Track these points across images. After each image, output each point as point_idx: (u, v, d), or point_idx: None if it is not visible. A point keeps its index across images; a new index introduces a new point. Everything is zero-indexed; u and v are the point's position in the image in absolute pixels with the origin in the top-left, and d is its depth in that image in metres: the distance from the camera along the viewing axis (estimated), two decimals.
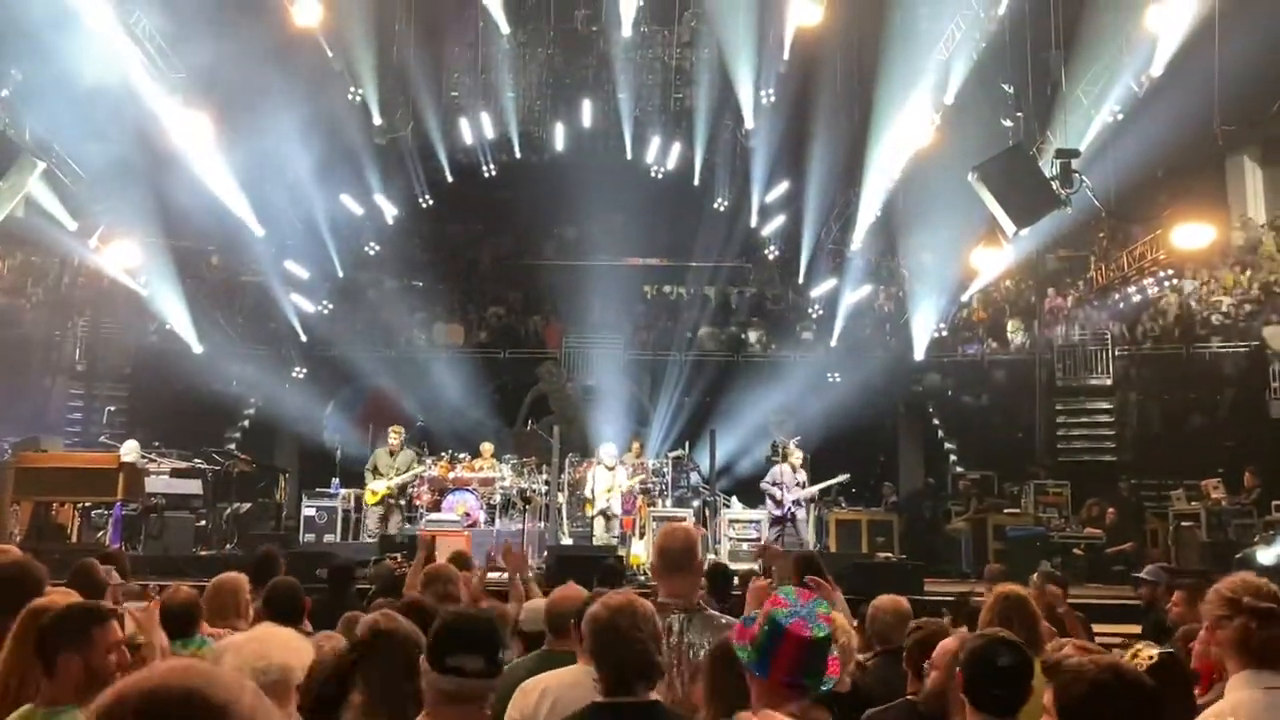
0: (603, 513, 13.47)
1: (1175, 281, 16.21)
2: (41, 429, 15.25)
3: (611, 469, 13.60)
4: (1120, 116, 13.45)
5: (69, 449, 14.27)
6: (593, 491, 13.56)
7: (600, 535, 13.31)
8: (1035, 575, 6.53)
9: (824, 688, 2.70)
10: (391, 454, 13.62)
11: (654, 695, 2.84)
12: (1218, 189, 15.90)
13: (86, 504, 12.41)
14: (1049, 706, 2.44)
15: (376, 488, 13.47)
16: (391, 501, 13.53)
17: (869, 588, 7.52)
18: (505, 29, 15.63)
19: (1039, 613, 4.39)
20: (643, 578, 11.25)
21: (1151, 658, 3.54)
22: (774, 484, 13.62)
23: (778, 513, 13.44)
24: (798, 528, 13.44)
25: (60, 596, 3.74)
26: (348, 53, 15.92)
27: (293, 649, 2.97)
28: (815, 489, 13.66)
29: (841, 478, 14.31)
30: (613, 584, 7.22)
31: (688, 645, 3.49)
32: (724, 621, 3.67)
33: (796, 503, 13.49)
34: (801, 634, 2.60)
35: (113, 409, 16.71)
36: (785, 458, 13.86)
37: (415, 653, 2.74)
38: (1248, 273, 17.75)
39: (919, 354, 18.42)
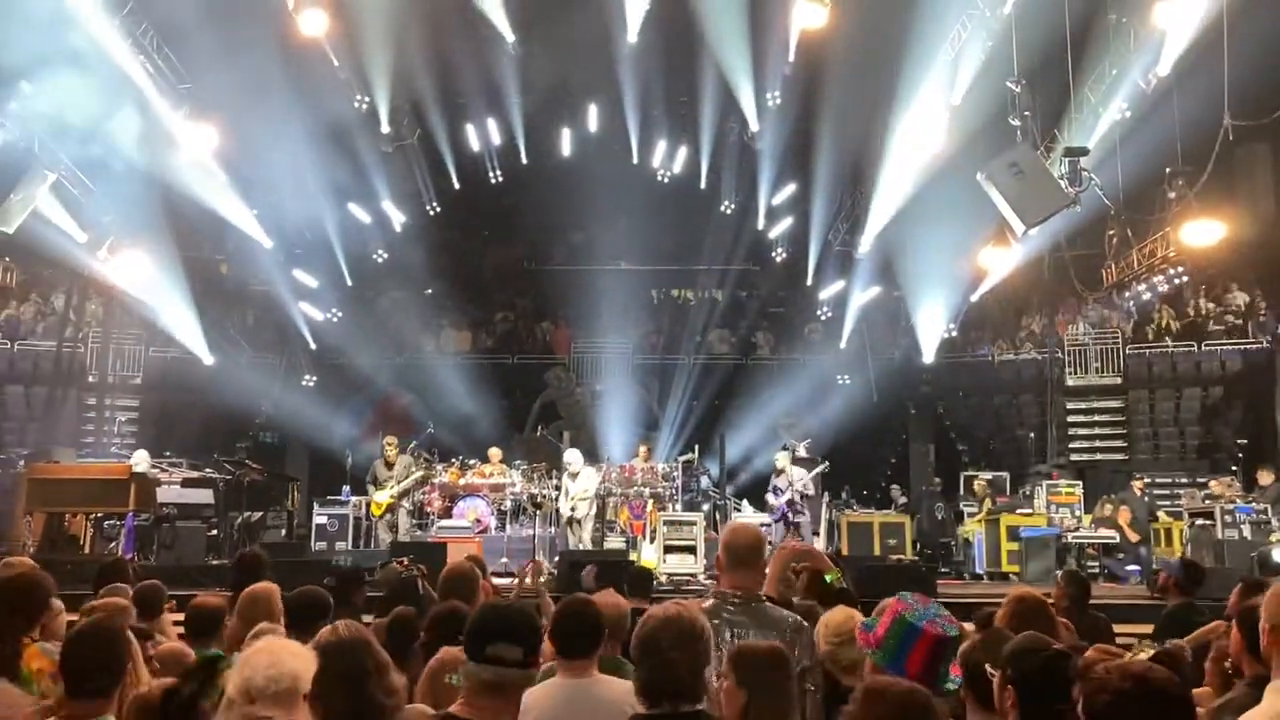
0: (570, 520, 13.32)
1: (1186, 279, 16.13)
2: (53, 440, 15.30)
3: (574, 477, 13.39)
4: (1128, 114, 13.37)
5: (81, 460, 14.30)
6: (567, 495, 13.38)
7: (574, 544, 13.08)
8: (1059, 575, 6.51)
9: (951, 687, 2.79)
10: (388, 464, 13.64)
11: (699, 706, 2.79)
12: (1228, 185, 15.80)
13: (99, 515, 12.45)
14: (1079, 713, 2.43)
15: (380, 499, 13.48)
16: (398, 508, 13.54)
17: (882, 590, 7.47)
18: (510, 36, 15.61)
19: (1055, 616, 4.36)
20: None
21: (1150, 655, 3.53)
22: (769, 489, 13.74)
23: (773, 517, 13.54)
24: (800, 531, 13.39)
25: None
26: (354, 61, 15.93)
27: (302, 658, 2.98)
28: (800, 482, 13.54)
29: (821, 467, 14.30)
30: (644, 591, 7.21)
31: (737, 635, 3.51)
32: (778, 615, 3.67)
33: (791, 504, 13.46)
34: (936, 633, 2.72)
35: (124, 419, 16.75)
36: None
37: (367, 662, 2.74)
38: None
39: (928, 355, 18.37)
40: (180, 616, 5.03)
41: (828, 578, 4.63)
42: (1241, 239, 15.22)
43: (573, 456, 13.64)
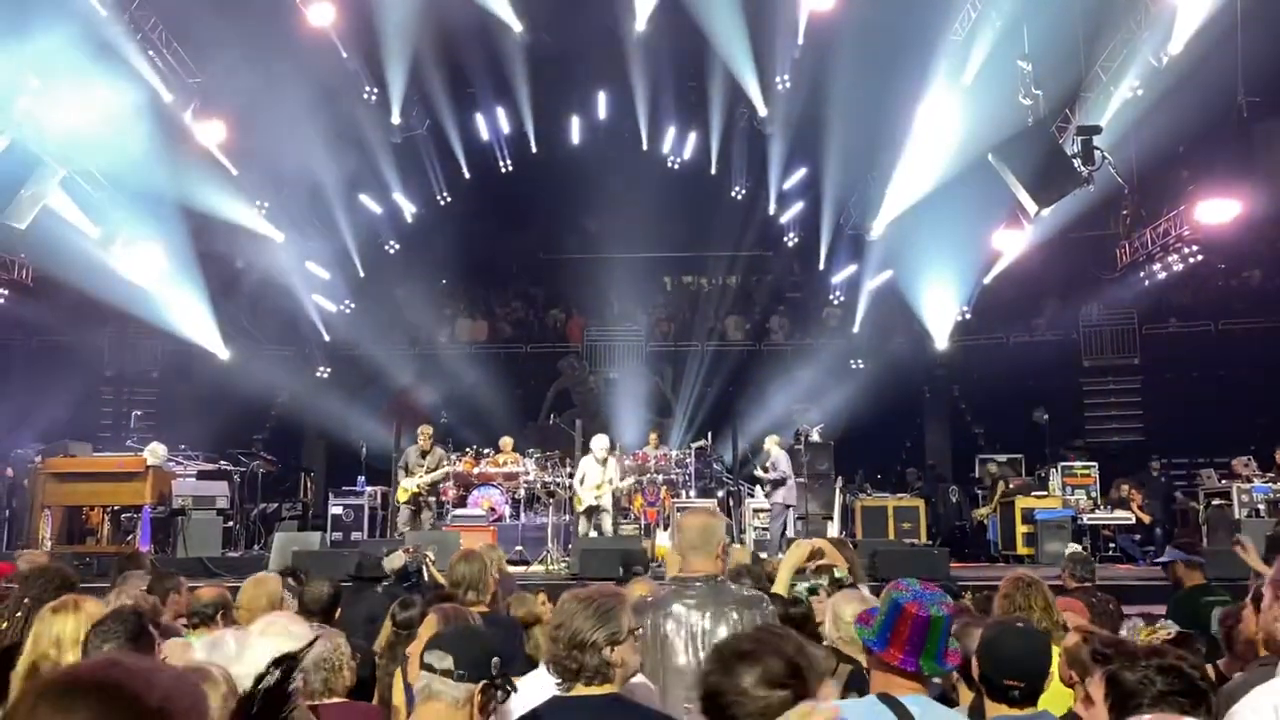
0: (591, 509, 12.99)
1: (1201, 258, 15.98)
2: (70, 434, 15.40)
3: (602, 463, 13.05)
4: (1141, 92, 13.24)
5: (98, 454, 14.42)
6: (583, 482, 13.06)
7: (584, 531, 12.84)
8: (1064, 558, 6.50)
9: (942, 670, 2.78)
10: (423, 453, 13.63)
11: (611, 689, 2.85)
12: (1243, 162, 15.65)
13: (116, 508, 12.56)
14: (1093, 693, 2.41)
15: (409, 485, 13.48)
16: (423, 499, 13.55)
17: (895, 573, 7.46)
18: (517, 25, 15.56)
19: (1050, 596, 4.36)
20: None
21: (1170, 634, 3.52)
22: None
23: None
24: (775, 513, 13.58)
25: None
26: (362, 52, 15.95)
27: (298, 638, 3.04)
28: (768, 462, 13.72)
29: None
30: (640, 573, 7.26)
31: (700, 617, 3.63)
32: (733, 592, 3.78)
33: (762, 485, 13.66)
34: (916, 611, 2.69)
35: (140, 413, 16.85)
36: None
37: None
38: None
39: (942, 338, 18.24)
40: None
41: (837, 574, 4.74)
42: (1258, 216, 15.08)
43: (600, 442, 13.26)
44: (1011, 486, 14.86)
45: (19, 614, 3.82)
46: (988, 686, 2.89)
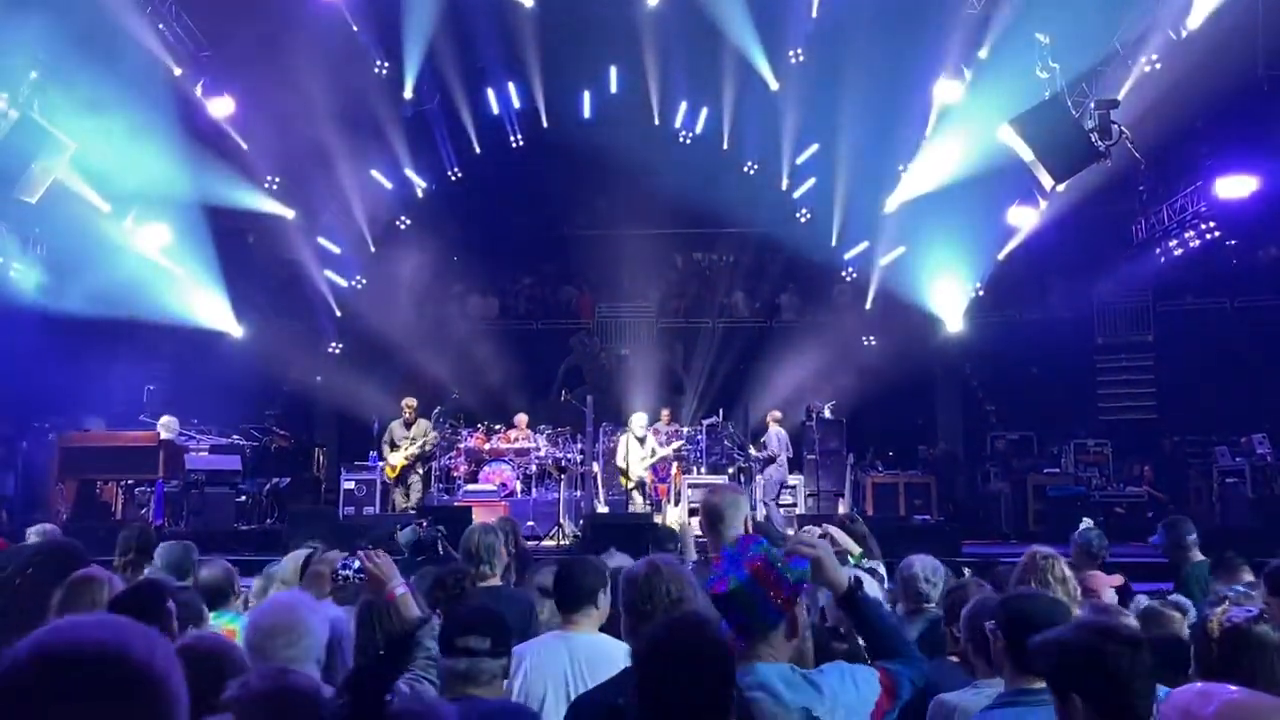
0: (640, 483, 13.42)
1: (1218, 234, 15.83)
2: (84, 410, 15.48)
3: (641, 440, 13.56)
4: (1158, 66, 13.06)
5: (111, 429, 14.48)
6: (626, 462, 13.50)
7: (638, 506, 13.29)
8: (1076, 533, 6.48)
9: (779, 620, 2.58)
10: (406, 425, 13.69)
11: None
12: (1261, 137, 15.47)
13: (129, 482, 12.63)
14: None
15: (394, 460, 13.53)
16: (412, 471, 13.60)
17: (905, 551, 7.46)
18: (529, 2, 15.44)
19: (1068, 570, 4.34)
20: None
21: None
22: None
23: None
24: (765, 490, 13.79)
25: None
26: (373, 25, 15.86)
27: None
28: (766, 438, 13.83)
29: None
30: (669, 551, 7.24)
31: None
32: None
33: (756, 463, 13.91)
34: (717, 590, 2.55)
35: (153, 388, 16.89)
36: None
37: None
38: None
39: (955, 315, 18.13)
40: None
41: (851, 559, 4.70)
42: (1276, 192, 14.92)
43: (640, 419, 13.81)
44: (1023, 463, 14.82)
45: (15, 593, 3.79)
46: (1016, 657, 2.84)
